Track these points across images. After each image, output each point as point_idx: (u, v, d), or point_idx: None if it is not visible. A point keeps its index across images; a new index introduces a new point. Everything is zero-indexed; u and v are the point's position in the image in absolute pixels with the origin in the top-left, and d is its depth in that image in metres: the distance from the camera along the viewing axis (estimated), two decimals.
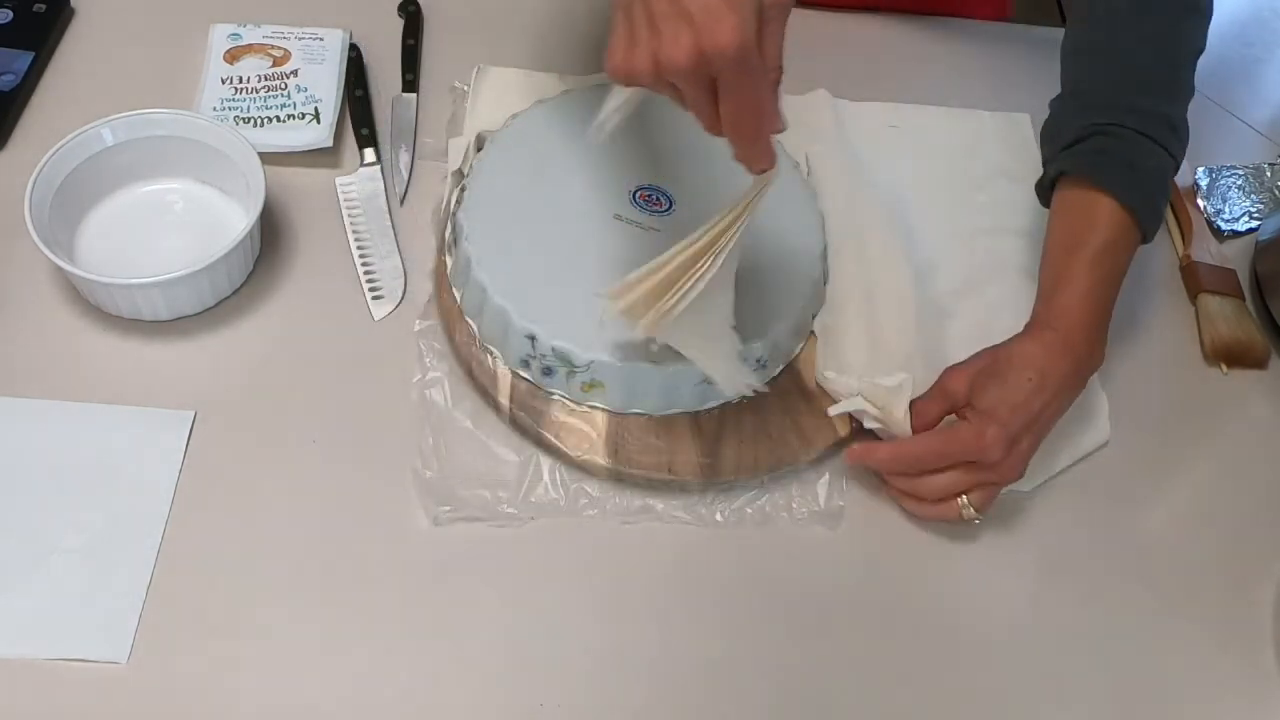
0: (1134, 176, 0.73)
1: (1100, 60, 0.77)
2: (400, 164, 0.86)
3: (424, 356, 0.76)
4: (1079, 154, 0.75)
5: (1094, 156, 0.74)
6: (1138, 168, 0.73)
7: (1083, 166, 0.74)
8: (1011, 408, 0.68)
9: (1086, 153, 0.74)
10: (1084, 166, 0.74)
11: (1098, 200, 0.73)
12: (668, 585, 0.69)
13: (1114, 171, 0.73)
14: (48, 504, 0.67)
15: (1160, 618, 0.72)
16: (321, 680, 0.63)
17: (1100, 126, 0.74)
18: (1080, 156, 0.74)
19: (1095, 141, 0.74)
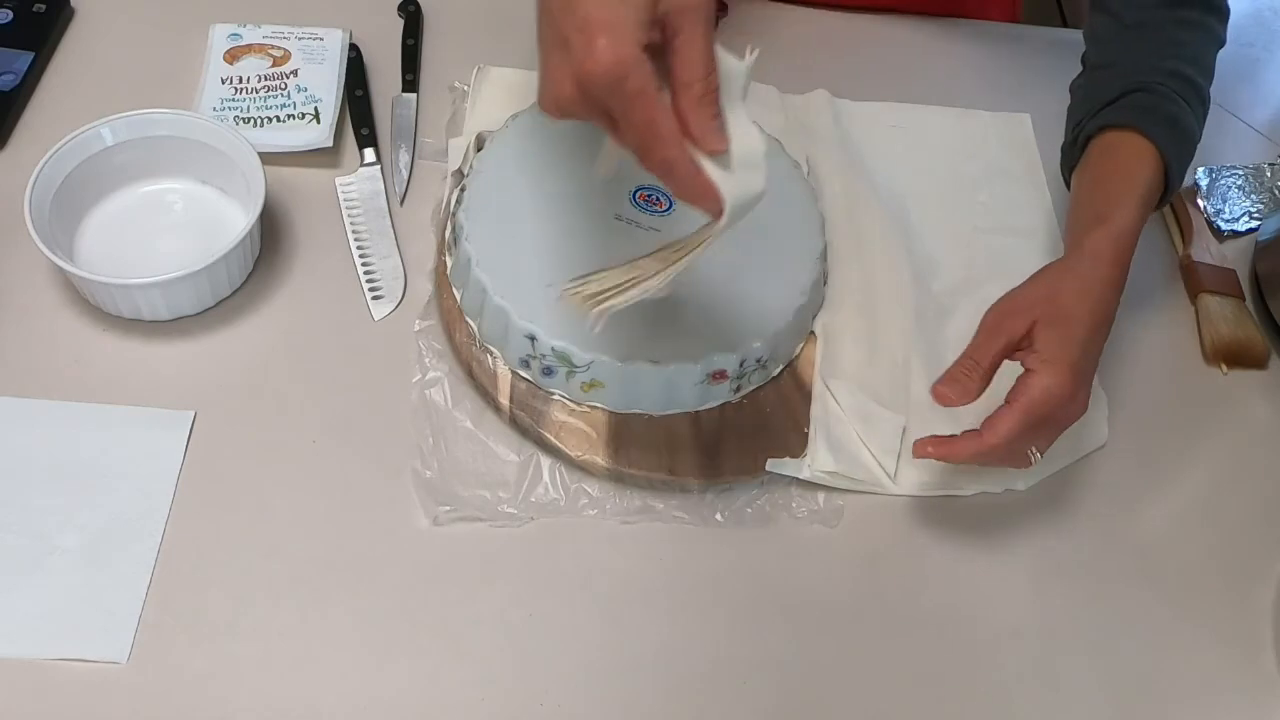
0: (1174, 133, 0.74)
1: (1135, 36, 0.78)
2: (400, 164, 0.86)
3: (424, 356, 0.76)
4: (1122, 108, 0.75)
5: (1138, 110, 0.74)
6: (1178, 124, 0.74)
7: (1127, 118, 0.74)
8: (1082, 350, 0.66)
9: (1130, 107, 0.75)
10: (1128, 118, 0.74)
11: (1144, 148, 0.73)
12: (667, 585, 0.69)
13: (1158, 124, 0.74)
14: (47, 504, 0.67)
15: (1160, 618, 0.72)
16: (321, 680, 0.63)
17: (1143, 83, 0.75)
18: (1124, 110, 0.75)
19: (1137, 98, 0.75)
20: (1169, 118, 0.74)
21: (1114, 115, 0.75)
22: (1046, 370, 0.66)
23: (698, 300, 0.74)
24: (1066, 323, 0.67)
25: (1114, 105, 0.75)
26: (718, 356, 0.71)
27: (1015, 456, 0.68)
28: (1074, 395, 0.66)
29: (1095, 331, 0.68)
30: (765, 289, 0.75)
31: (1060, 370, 0.66)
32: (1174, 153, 0.73)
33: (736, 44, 0.58)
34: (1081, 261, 0.70)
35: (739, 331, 0.72)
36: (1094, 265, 0.69)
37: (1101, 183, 0.74)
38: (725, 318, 0.73)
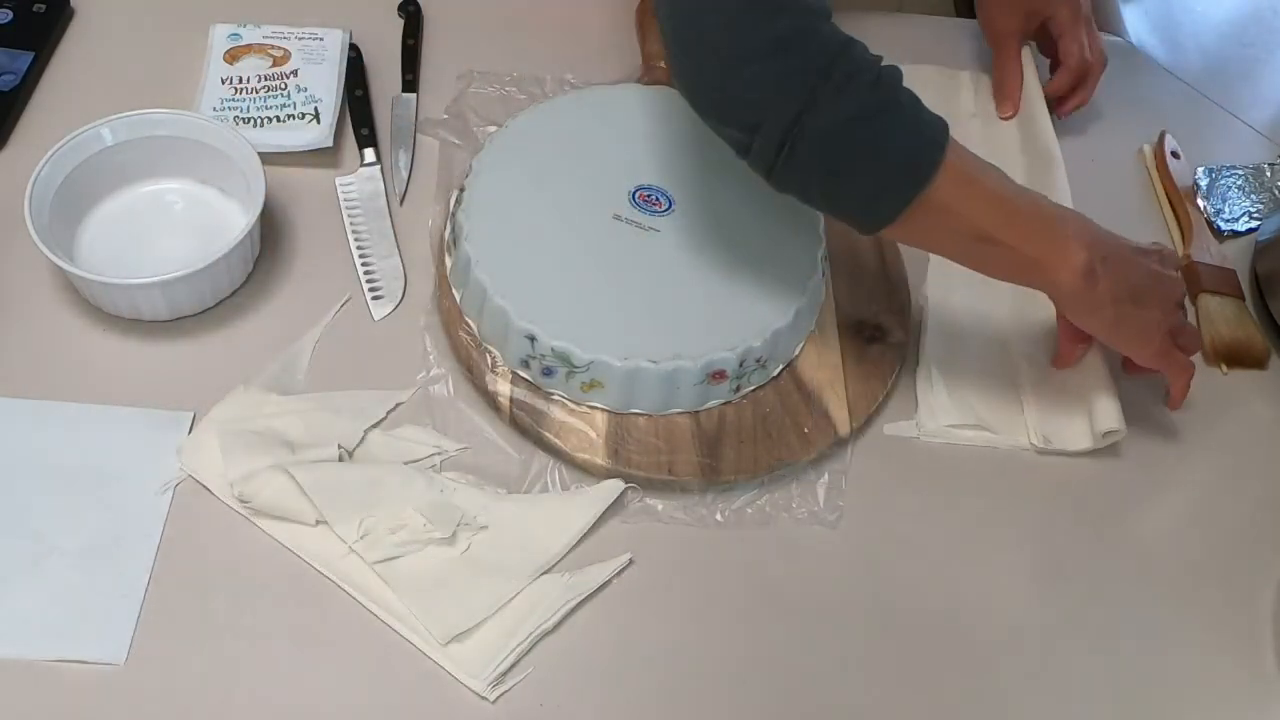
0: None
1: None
2: (400, 164, 0.86)
3: (424, 356, 0.76)
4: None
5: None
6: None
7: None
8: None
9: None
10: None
11: None
12: (667, 585, 0.69)
13: None
14: (46, 504, 0.67)
15: (1160, 618, 0.72)
16: (320, 681, 0.63)
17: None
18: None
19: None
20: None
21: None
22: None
23: (697, 300, 0.74)
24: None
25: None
26: (717, 356, 0.71)
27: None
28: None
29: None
30: (765, 289, 0.75)
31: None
32: None
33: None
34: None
35: (738, 331, 0.72)
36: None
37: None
38: (725, 318, 0.73)
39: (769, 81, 0.61)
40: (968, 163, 0.66)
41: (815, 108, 0.61)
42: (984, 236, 0.67)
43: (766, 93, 0.62)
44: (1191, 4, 1.16)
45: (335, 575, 0.66)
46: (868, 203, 0.65)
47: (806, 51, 0.61)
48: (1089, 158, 0.96)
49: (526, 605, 0.66)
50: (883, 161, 0.64)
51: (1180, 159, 0.95)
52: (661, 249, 0.76)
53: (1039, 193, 0.70)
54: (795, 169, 0.64)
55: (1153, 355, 0.73)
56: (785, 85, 0.61)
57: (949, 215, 0.66)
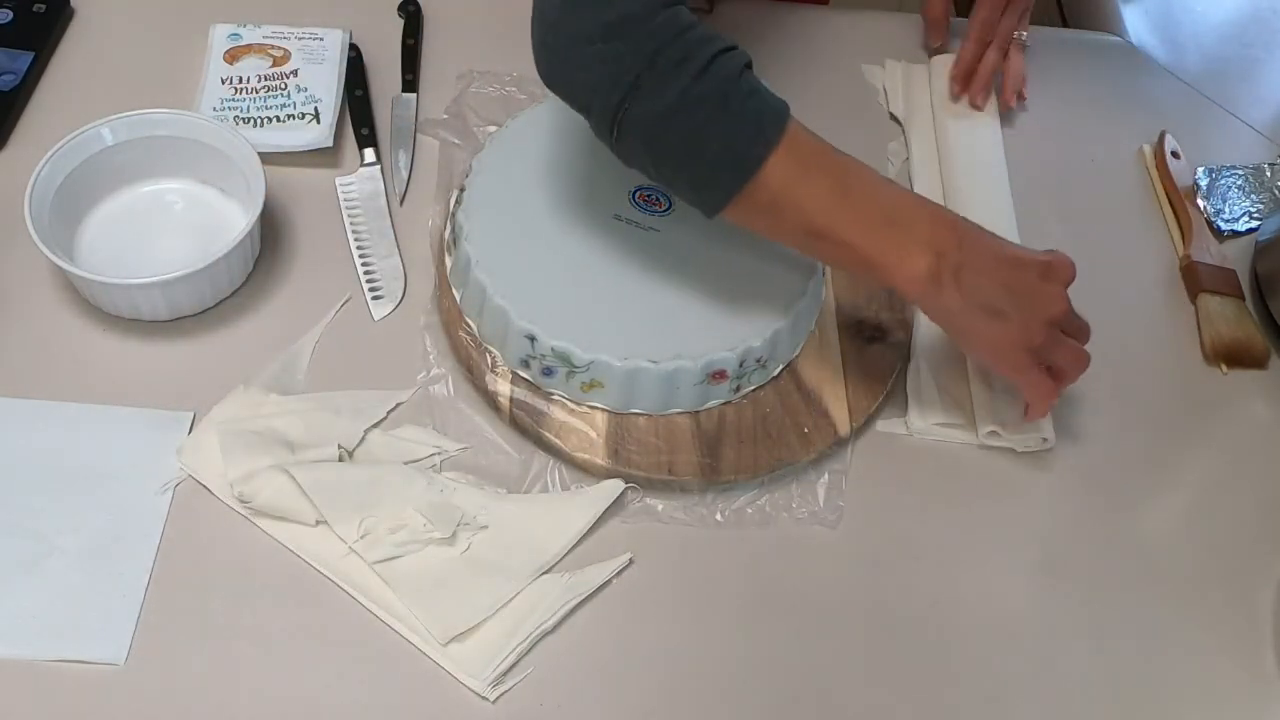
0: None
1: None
2: (400, 164, 0.86)
3: (424, 356, 0.76)
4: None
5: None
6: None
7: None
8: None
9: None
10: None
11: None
12: (667, 585, 0.69)
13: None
14: (46, 504, 0.67)
15: (1160, 618, 0.72)
16: (320, 681, 0.63)
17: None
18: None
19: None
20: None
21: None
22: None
23: (697, 300, 0.74)
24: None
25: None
26: (717, 356, 0.71)
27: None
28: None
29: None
30: (765, 289, 0.75)
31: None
32: None
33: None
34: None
35: (738, 331, 0.72)
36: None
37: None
38: (725, 318, 0.73)
39: (598, 65, 0.62)
40: (807, 156, 0.65)
41: (638, 94, 0.62)
42: (816, 232, 0.66)
43: (595, 76, 0.63)
44: (1191, 4, 1.16)
45: (335, 575, 0.66)
46: (696, 191, 0.66)
47: (635, 37, 0.62)
48: (1089, 158, 0.96)
49: (526, 605, 0.66)
50: (703, 152, 0.64)
51: (1180, 159, 0.95)
52: (661, 249, 0.76)
53: (903, 189, 0.69)
54: (627, 152, 0.66)
55: (1008, 370, 0.70)
56: (612, 70, 0.62)
57: (780, 208, 0.65)
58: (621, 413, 0.73)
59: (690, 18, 0.63)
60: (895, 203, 0.67)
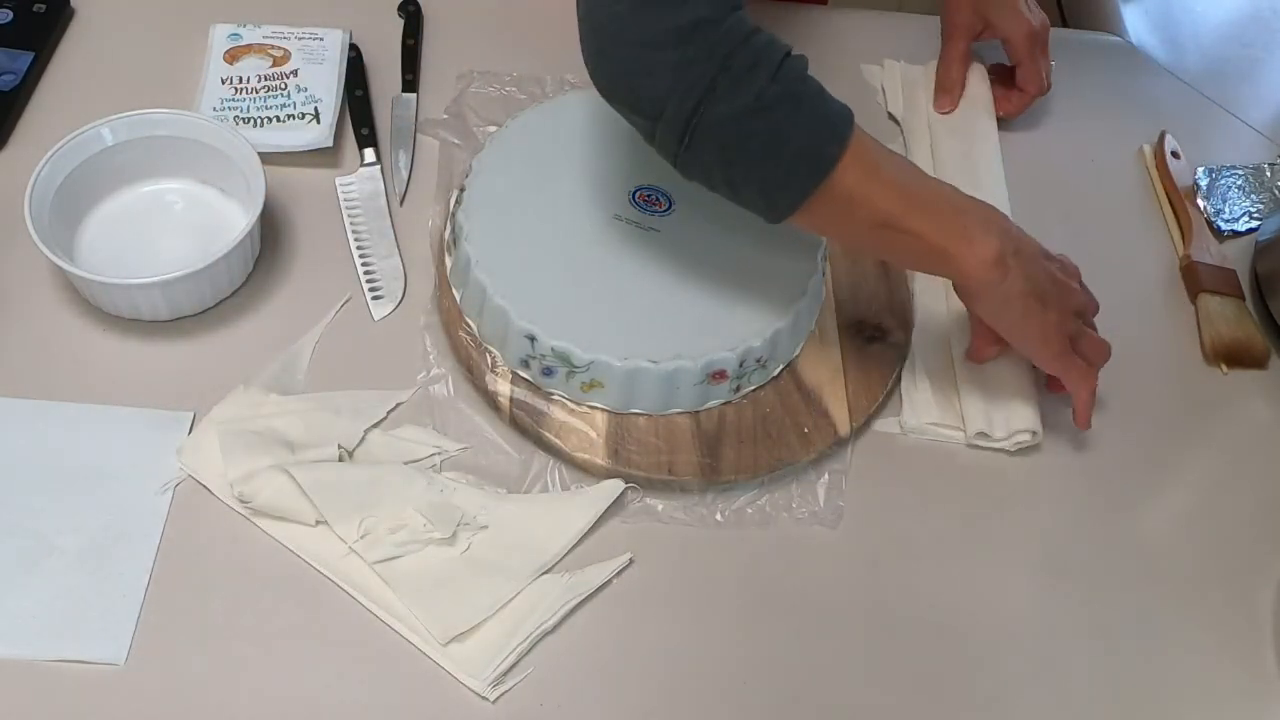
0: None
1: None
2: (400, 164, 0.86)
3: (424, 356, 0.76)
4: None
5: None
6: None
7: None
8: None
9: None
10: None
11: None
12: (667, 585, 0.69)
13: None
14: (46, 504, 0.67)
15: (1160, 618, 0.72)
16: (320, 681, 0.63)
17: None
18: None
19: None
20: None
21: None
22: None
23: (697, 300, 0.74)
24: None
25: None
26: (717, 356, 0.71)
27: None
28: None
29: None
30: (765, 289, 0.75)
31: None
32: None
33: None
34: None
35: (738, 331, 0.72)
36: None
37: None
38: (725, 318, 0.73)
39: (670, 70, 0.62)
40: (872, 153, 0.66)
41: (714, 98, 0.62)
42: (889, 224, 0.67)
43: (668, 81, 0.62)
44: (1191, 4, 1.16)
45: (335, 575, 0.66)
46: (768, 193, 0.66)
47: (708, 41, 0.61)
48: (1089, 158, 0.96)
49: (526, 605, 0.66)
50: (781, 153, 0.64)
51: (1180, 159, 0.95)
52: (661, 249, 0.76)
53: (950, 185, 0.70)
54: (696, 158, 0.65)
55: (1052, 357, 0.73)
56: (686, 75, 0.62)
57: (853, 204, 0.66)
58: (621, 413, 0.73)
59: (751, 22, 0.64)
60: (951, 194, 0.70)
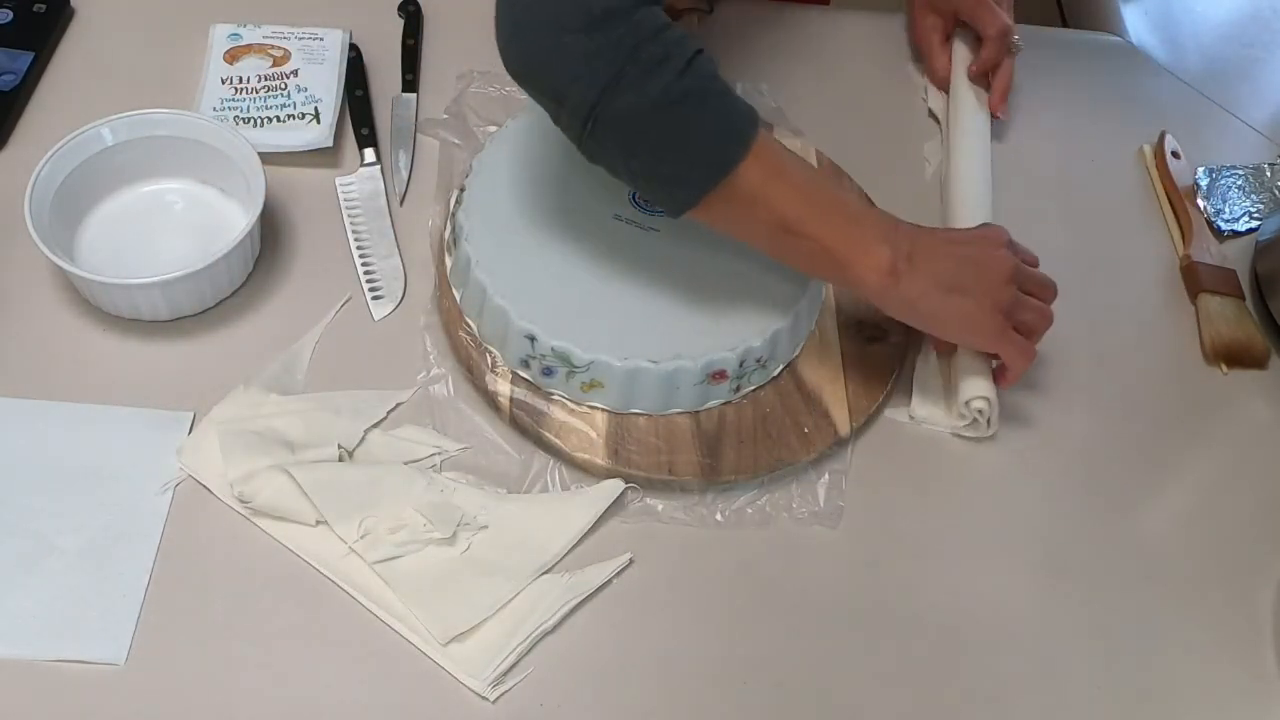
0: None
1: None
2: (400, 164, 0.86)
3: (424, 356, 0.76)
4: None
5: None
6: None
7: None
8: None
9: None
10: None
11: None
12: (667, 585, 0.69)
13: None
14: (46, 504, 0.67)
15: (1160, 618, 0.72)
16: (320, 680, 0.63)
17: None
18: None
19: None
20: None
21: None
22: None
23: (697, 300, 0.74)
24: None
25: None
26: (718, 356, 0.71)
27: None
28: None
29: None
30: (765, 289, 0.75)
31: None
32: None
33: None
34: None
35: (738, 331, 0.72)
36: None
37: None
38: (725, 318, 0.73)
39: (579, 56, 0.62)
40: (776, 156, 0.67)
41: (619, 89, 0.62)
42: (788, 228, 0.68)
43: (575, 67, 0.63)
44: (1191, 4, 1.16)
45: (335, 575, 0.66)
46: (668, 187, 0.67)
47: (618, 31, 0.62)
48: (1089, 158, 0.96)
49: (526, 605, 0.66)
50: (683, 149, 0.65)
51: (1180, 159, 0.95)
52: (661, 249, 0.76)
53: (851, 193, 0.72)
54: (599, 146, 0.65)
55: (986, 341, 0.73)
56: (593, 62, 0.62)
57: (753, 205, 0.67)
58: (621, 413, 0.73)
59: (665, 17, 0.64)
60: (852, 203, 0.73)
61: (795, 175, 0.68)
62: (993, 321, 0.71)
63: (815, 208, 0.68)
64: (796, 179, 0.68)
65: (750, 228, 0.69)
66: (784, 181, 0.67)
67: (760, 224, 0.68)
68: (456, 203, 0.79)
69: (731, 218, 0.68)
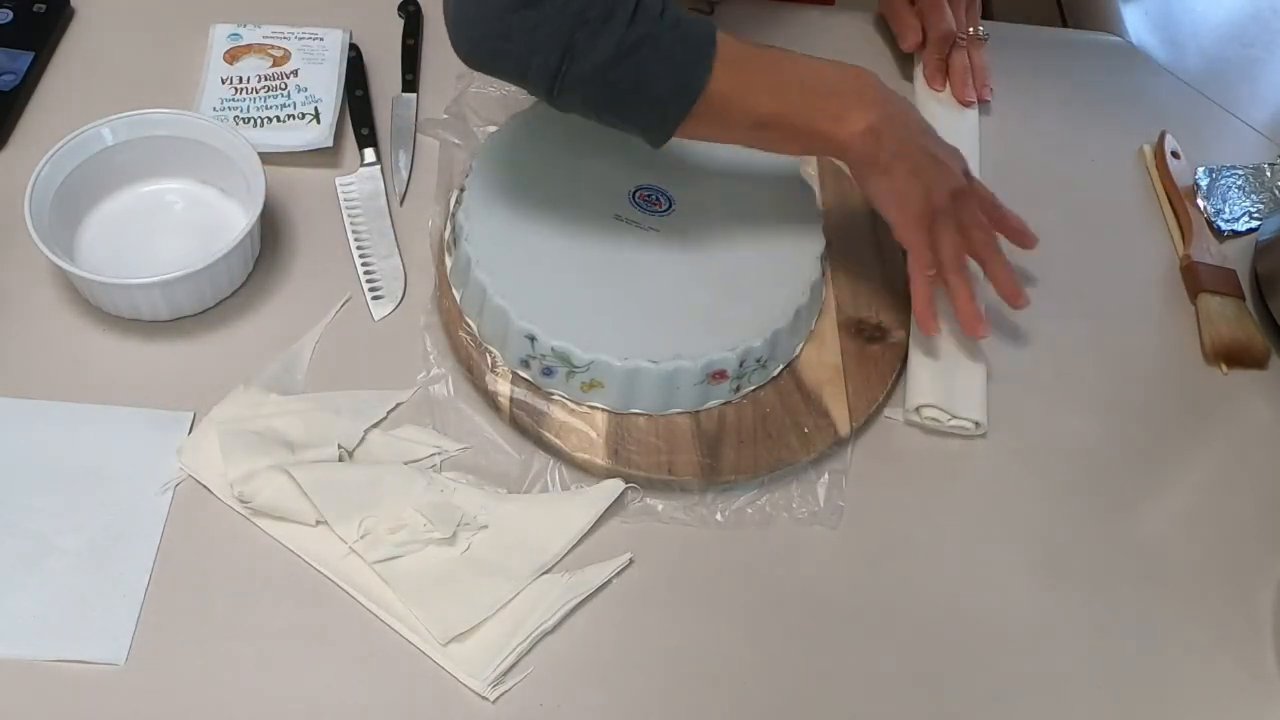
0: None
1: None
2: (400, 164, 0.86)
3: (424, 356, 0.76)
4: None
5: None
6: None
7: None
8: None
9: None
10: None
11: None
12: (667, 585, 0.69)
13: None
14: (46, 504, 0.67)
15: (1160, 618, 0.72)
16: (320, 680, 0.63)
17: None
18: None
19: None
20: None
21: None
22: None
23: (697, 300, 0.74)
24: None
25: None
26: (717, 356, 0.71)
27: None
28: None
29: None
30: (765, 289, 0.75)
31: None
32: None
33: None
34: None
35: (738, 331, 0.72)
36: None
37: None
38: (725, 318, 0.73)
39: (526, 32, 0.63)
40: (741, 60, 0.68)
41: (574, 53, 0.64)
42: (765, 123, 0.69)
43: (526, 43, 0.64)
44: (1191, 4, 1.16)
45: (335, 575, 0.66)
46: (644, 127, 0.69)
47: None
48: (1089, 158, 0.96)
49: (526, 605, 0.66)
50: (649, 90, 0.66)
51: (1180, 159, 0.95)
52: (661, 249, 0.76)
53: (832, 62, 0.71)
54: (569, 106, 0.68)
55: (905, 223, 0.73)
56: (543, 34, 0.63)
57: (728, 111, 0.69)
58: (621, 413, 0.73)
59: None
60: (830, 75, 0.71)
61: (764, 70, 0.69)
62: (921, 211, 0.72)
63: (790, 94, 0.69)
64: (766, 73, 0.69)
65: (730, 130, 0.71)
66: (754, 82, 0.68)
67: (739, 125, 0.70)
68: (456, 203, 0.79)
69: (711, 126, 0.70)
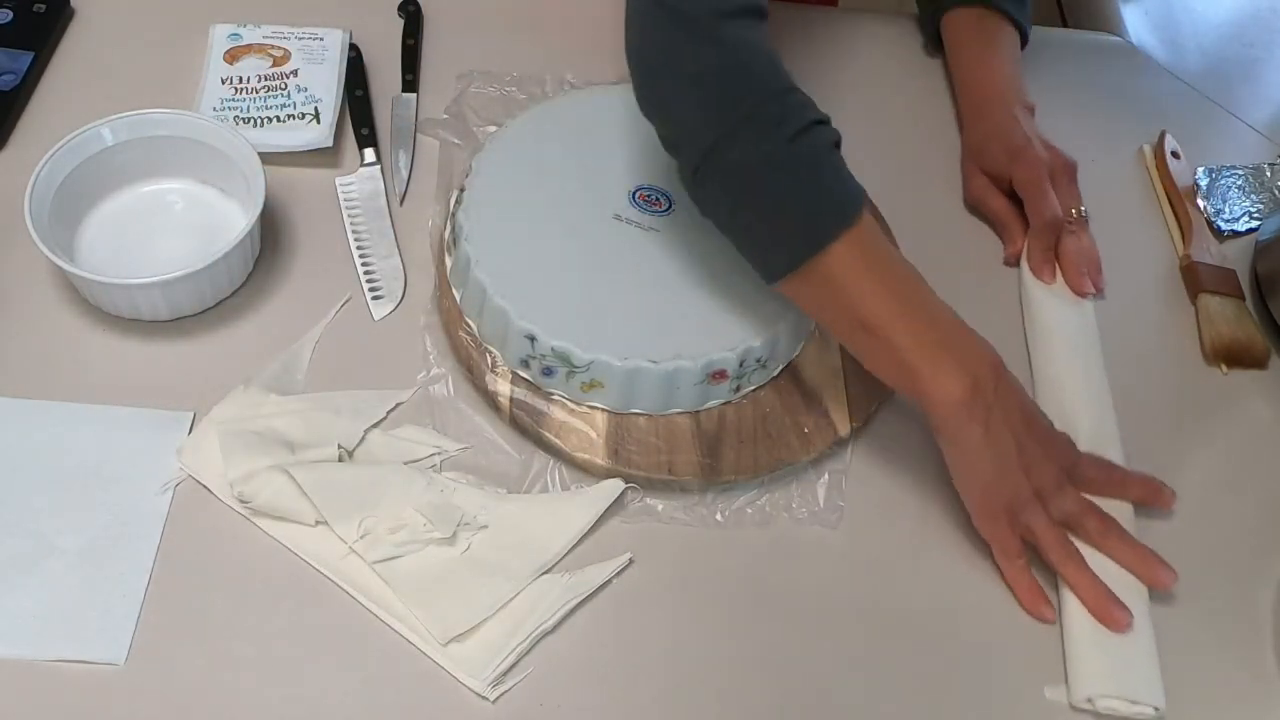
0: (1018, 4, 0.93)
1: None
2: (400, 164, 0.86)
3: (424, 356, 0.76)
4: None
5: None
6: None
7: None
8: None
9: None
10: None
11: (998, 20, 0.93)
12: (667, 585, 0.69)
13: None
14: (46, 504, 0.67)
15: (1160, 617, 0.71)
16: (320, 681, 0.63)
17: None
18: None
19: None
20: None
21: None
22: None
23: (697, 300, 0.74)
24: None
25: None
26: (717, 356, 0.71)
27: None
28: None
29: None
30: (765, 289, 0.74)
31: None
32: (1022, 16, 0.93)
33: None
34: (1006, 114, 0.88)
35: (738, 331, 0.72)
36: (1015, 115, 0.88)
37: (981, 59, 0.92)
38: (725, 317, 0.73)
39: (695, 104, 0.64)
40: (874, 247, 0.66)
41: (732, 141, 0.63)
42: (869, 326, 0.65)
43: (691, 113, 0.64)
44: (1191, 4, 1.16)
45: (335, 575, 0.66)
46: (763, 250, 0.67)
47: (736, 88, 0.63)
48: (1089, 158, 0.96)
49: (526, 605, 0.66)
50: (783, 212, 0.65)
51: (1180, 159, 0.95)
52: (661, 249, 0.76)
53: (955, 314, 0.67)
54: (706, 195, 0.67)
55: (985, 521, 0.69)
56: (709, 114, 0.64)
57: (838, 291, 0.65)
58: (621, 413, 0.73)
59: (791, 79, 0.65)
60: (949, 324, 0.67)
61: (891, 274, 0.66)
62: (1000, 510, 0.68)
63: (903, 315, 0.65)
64: (891, 278, 0.66)
65: (834, 315, 0.68)
66: (876, 276, 0.65)
67: (843, 314, 0.66)
68: (456, 203, 0.79)
69: (817, 301, 0.67)
